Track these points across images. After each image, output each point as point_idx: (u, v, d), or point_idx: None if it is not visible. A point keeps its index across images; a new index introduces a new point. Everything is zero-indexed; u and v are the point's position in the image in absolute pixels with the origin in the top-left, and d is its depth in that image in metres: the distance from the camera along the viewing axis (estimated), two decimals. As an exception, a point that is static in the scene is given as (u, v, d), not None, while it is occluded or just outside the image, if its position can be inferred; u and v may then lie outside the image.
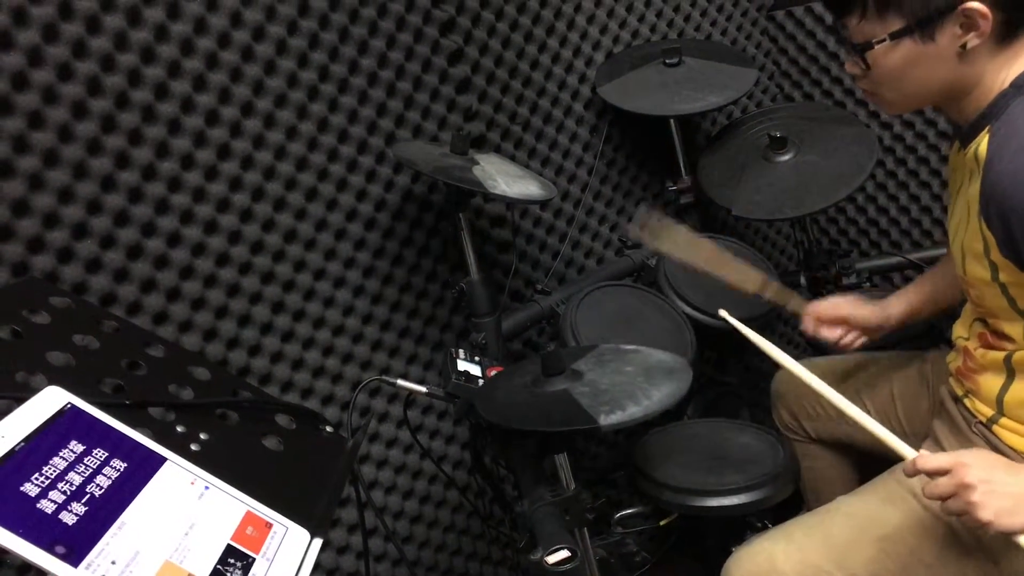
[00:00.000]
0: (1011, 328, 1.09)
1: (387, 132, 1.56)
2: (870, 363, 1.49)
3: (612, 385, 1.13)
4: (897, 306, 1.39)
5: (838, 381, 1.49)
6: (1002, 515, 0.94)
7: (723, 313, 1.34)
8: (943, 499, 0.98)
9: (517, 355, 1.79)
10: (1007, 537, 0.97)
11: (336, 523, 1.55)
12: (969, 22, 0.99)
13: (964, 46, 1.00)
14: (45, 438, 0.70)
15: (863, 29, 1.05)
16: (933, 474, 0.99)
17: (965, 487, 0.95)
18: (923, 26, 1.01)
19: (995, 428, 1.13)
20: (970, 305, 1.20)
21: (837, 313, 1.41)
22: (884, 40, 1.03)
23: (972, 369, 1.17)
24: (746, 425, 1.55)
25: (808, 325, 1.43)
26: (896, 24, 1.02)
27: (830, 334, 1.41)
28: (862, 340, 1.41)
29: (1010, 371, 1.11)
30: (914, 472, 1.02)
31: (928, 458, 1.01)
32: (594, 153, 1.91)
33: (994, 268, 1.04)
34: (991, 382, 1.14)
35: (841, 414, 1.12)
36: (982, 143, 1.03)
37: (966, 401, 1.19)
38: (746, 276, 1.44)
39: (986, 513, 0.94)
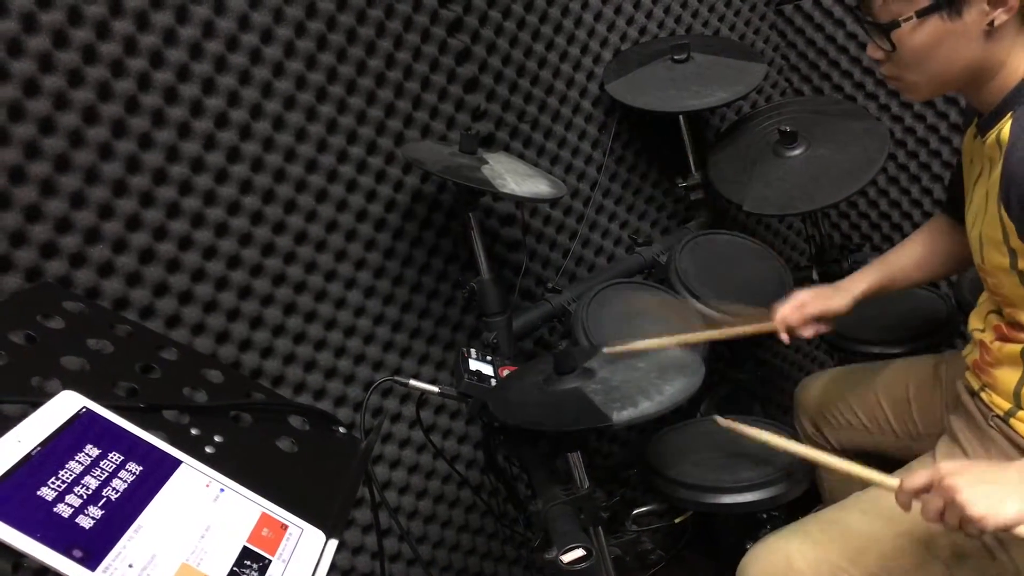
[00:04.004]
0: None
1: (396, 133, 1.56)
2: (886, 366, 1.48)
3: (624, 382, 1.13)
4: (858, 287, 1.38)
5: (856, 385, 1.50)
6: (993, 504, 0.86)
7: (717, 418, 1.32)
8: (940, 517, 0.91)
9: (529, 354, 1.79)
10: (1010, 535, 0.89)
11: (350, 523, 1.55)
12: None
13: (992, 23, 0.99)
14: (61, 442, 0.71)
15: (889, 8, 1.04)
16: (920, 492, 0.93)
17: (950, 488, 0.89)
18: (952, 1, 1.00)
19: (1012, 422, 1.12)
20: (986, 296, 1.19)
21: (807, 314, 1.39)
22: (911, 18, 1.02)
23: (988, 363, 1.16)
24: (759, 421, 1.54)
25: (784, 338, 1.40)
26: (923, 1, 1.01)
27: (806, 333, 1.40)
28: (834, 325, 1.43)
29: (1027, 364, 1.10)
30: (905, 497, 0.95)
31: (911, 478, 0.94)
32: (603, 151, 1.91)
33: (1013, 255, 1.03)
34: (1008, 375, 1.13)
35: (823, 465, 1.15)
36: (1004, 128, 1.02)
37: (983, 395, 1.18)
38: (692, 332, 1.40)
39: (978, 508, 0.86)
